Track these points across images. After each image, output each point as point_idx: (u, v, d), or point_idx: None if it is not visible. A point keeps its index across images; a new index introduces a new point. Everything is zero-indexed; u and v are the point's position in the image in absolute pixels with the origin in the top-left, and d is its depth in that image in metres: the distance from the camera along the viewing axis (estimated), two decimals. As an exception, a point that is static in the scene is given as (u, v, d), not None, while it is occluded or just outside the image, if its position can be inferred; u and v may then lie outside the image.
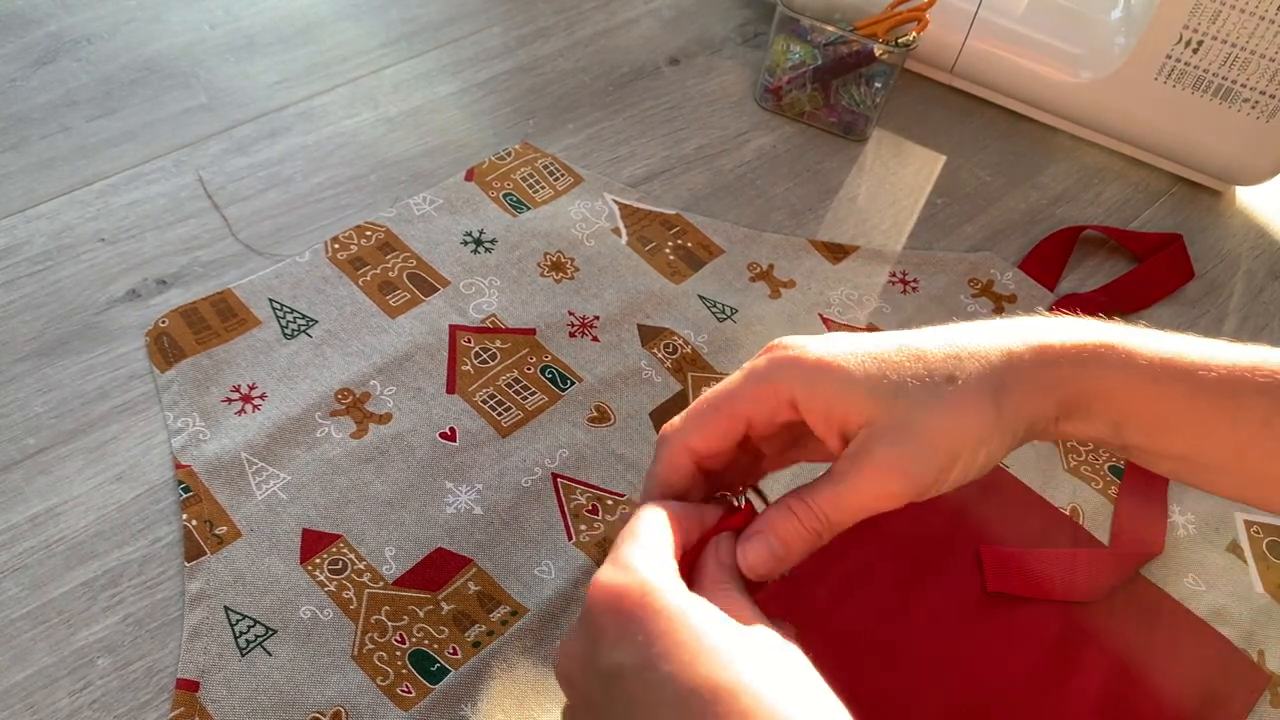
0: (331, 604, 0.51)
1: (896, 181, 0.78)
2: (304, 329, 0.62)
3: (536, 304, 0.65)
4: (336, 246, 0.66)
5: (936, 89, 0.86)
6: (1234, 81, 0.74)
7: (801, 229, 0.73)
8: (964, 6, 0.79)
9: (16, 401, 0.57)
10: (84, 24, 0.79)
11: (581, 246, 0.69)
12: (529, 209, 0.70)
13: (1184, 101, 0.76)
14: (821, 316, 0.67)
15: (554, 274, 0.67)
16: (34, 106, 0.72)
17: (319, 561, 0.52)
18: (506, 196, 0.71)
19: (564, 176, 0.73)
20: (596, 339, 0.64)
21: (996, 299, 0.70)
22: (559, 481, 0.57)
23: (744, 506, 0.37)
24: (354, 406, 0.59)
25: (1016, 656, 0.52)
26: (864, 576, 0.54)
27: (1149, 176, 0.82)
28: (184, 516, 0.53)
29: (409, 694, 0.49)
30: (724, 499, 0.38)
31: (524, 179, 0.72)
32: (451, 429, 0.59)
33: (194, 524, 0.53)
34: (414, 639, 0.50)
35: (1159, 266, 0.74)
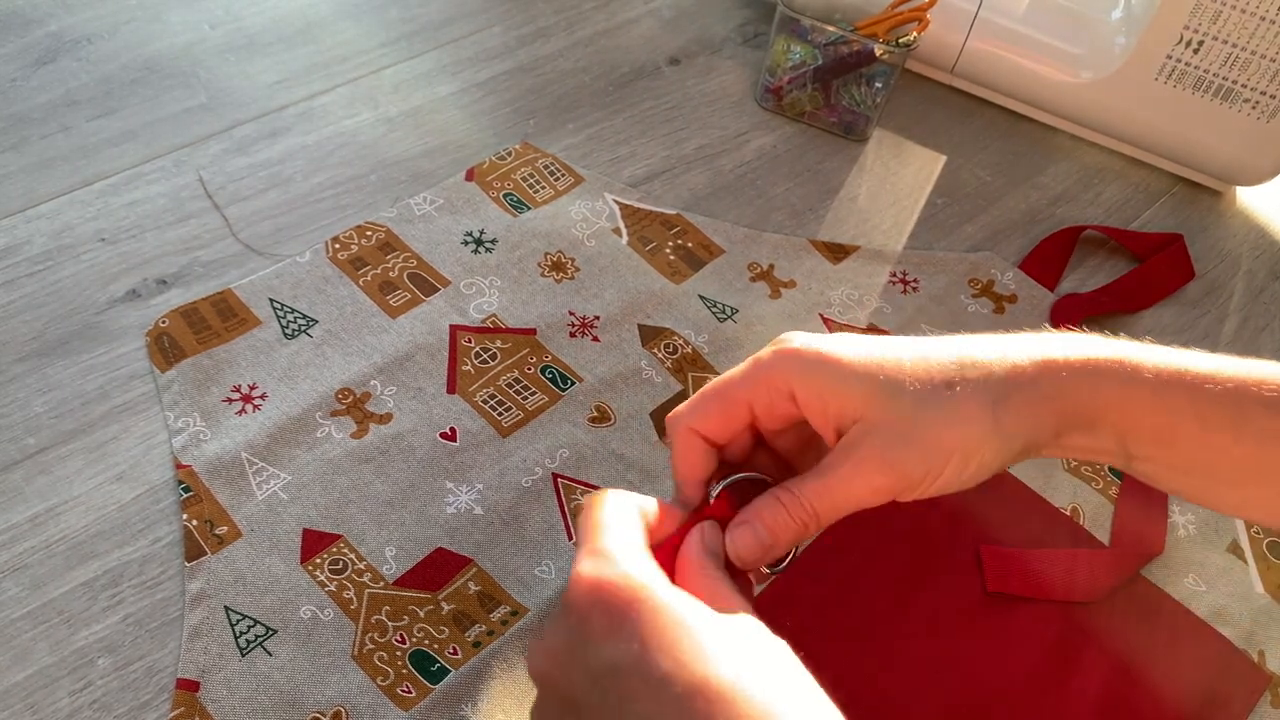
0: (332, 604, 0.51)
1: (897, 181, 0.78)
2: (304, 329, 0.62)
3: (537, 304, 0.65)
4: (337, 246, 0.66)
5: (937, 89, 0.86)
6: (1234, 82, 0.74)
7: (802, 229, 0.73)
8: (964, 6, 0.79)
9: (16, 401, 0.57)
10: (84, 24, 0.79)
11: (582, 246, 0.69)
12: (529, 209, 0.70)
13: (1184, 102, 0.76)
14: (822, 316, 0.67)
15: (554, 274, 0.67)
16: (34, 106, 0.72)
17: (319, 561, 0.52)
18: (507, 196, 0.71)
19: (564, 176, 0.73)
20: (597, 339, 0.64)
21: (997, 299, 0.70)
22: (559, 481, 0.57)
23: (718, 496, 0.38)
24: (354, 406, 0.59)
25: (1016, 656, 0.52)
26: (864, 576, 0.54)
27: (1149, 176, 0.82)
28: (184, 516, 0.53)
29: (409, 694, 0.49)
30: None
31: (524, 179, 0.72)
32: (452, 429, 0.58)
33: (194, 524, 0.53)
34: (414, 639, 0.50)
35: (1159, 266, 0.74)
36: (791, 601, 0.53)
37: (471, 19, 0.84)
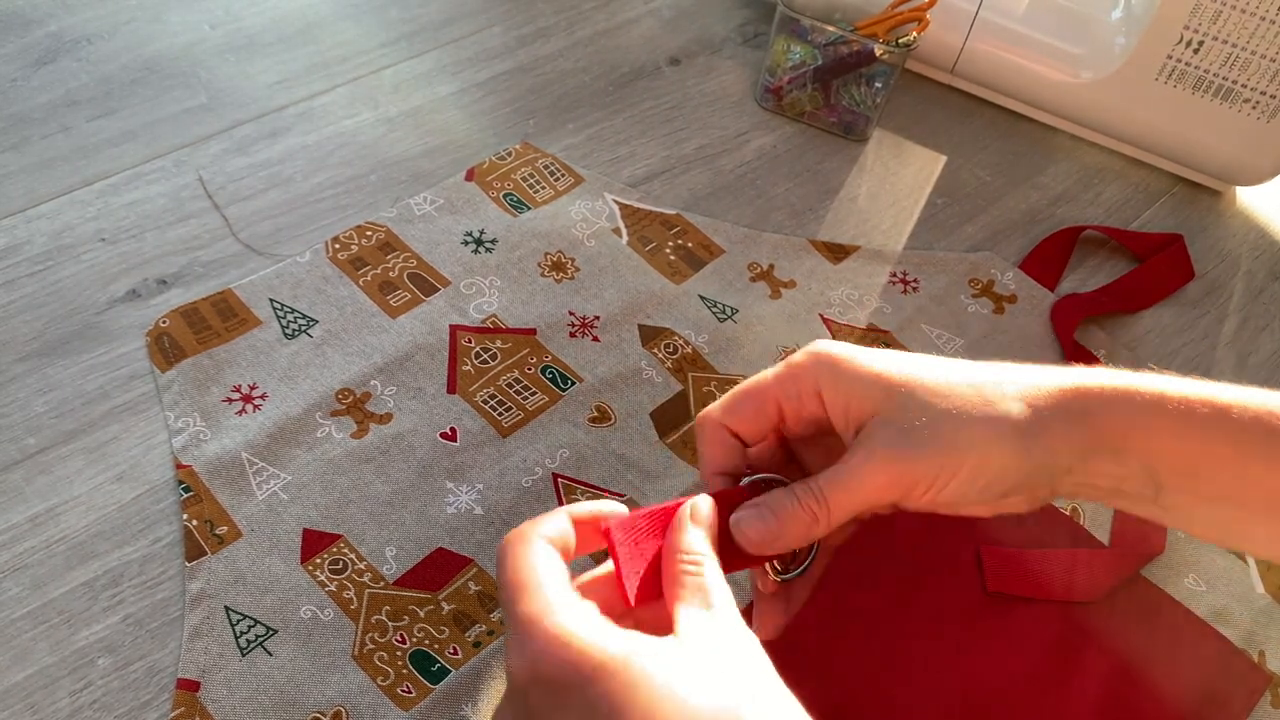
0: (332, 604, 0.51)
1: (897, 181, 0.78)
2: (304, 329, 0.62)
3: (537, 304, 0.65)
4: (337, 246, 0.66)
5: (937, 89, 0.86)
6: (1234, 82, 0.74)
7: (802, 229, 0.73)
8: (964, 6, 0.80)
9: (17, 401, 0.57)
10: (84, 24, 0.79)
11: (582, 246, 0.69)
12: (529, 209, 0.70)
13: (1184, 102, 0.76)
14: (822, 316, 0.67)
15: (554, 274, 0.67)
16: (34, 106, 0.72)
17: (319, 561, 0.53)
18: (507, 196, 0.71)
19: (564, 176, 0.73)
20: (597, 339, 0.64)
21: (997, 299, 0.70)
22: (559, 481, 0.57)
23: (742, 487, 0.39)
24: (354, 406, 0.59)
25: (1016, 656, 0.52)
26: (864, 576, 0.54)
27: (1149, 176, 0.82)
28: (184, 516, 0.53)
29: (409, 694, 0.49)
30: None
31: (524, 179, 0.72)
32: (452, 429, 0.59)
33: (194, 524, 0.53)
34: (414, 639, 0.50)
35: (1159, 267, 0.74)
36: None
37: (471, 19, 0.84)
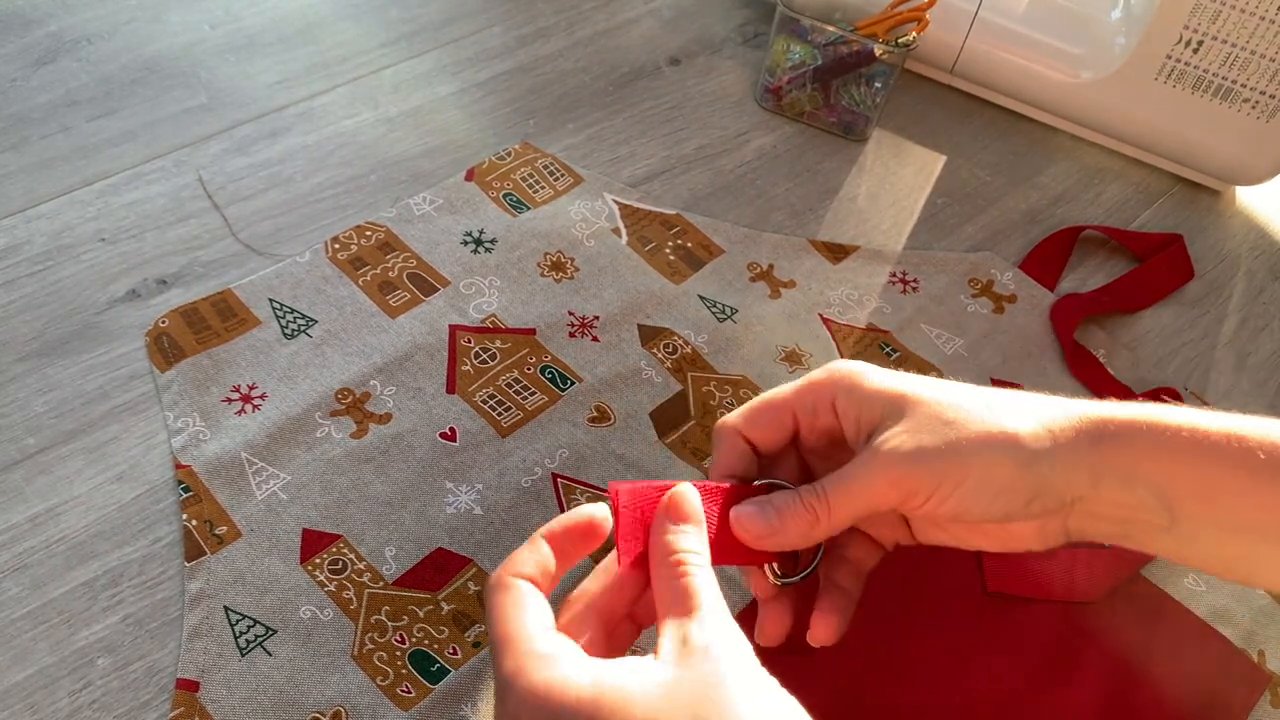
0: (331, 604, 0.51)
1: (896, 181, 0.78)
2: (304, 329, 0.62)
3: (536, 304, 0.65)
4: (337, 246, 0.66)
5: (937, 89, 0.86)
6: (1234, 81, 0.74)
7: (802, 229, 0.73)
8: (964, 6, 0.80)
9: (16, 401, 0.57)
10: (84, 24, 0.79)
11: (581, 246, 0.69)
12: (529, 209, 0.70)
13: (1184, 101, 0.76)
14: (822, 316, 0.67)
15: (554, 274, 0.67)
16: (34, 106, 0.72)
17: (319, 561, 0.52)
18: (506, 196, 0.71)
19: (564, 176, 0.73)
20: (596, 339, 0.64)
21: (997, 299, 0.70)
22: (559, 481, 0.57)
23: (751, 486, 0.39)
24: (354, 406, 0.59)
25: (1016, 657, 0.52)
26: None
27: (1149, 176, 0.82)
28: (184, 516, 0.53)
29: (409, 694, 0.49)
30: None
31: (524, 179, 0.72)
32: (451, 429, 0.59)
33: (194, 524, 0.53)
34: (414, 639, 0.50)
35: (1159, 266, 0.74)
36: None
37: (471, 19, 0.84)
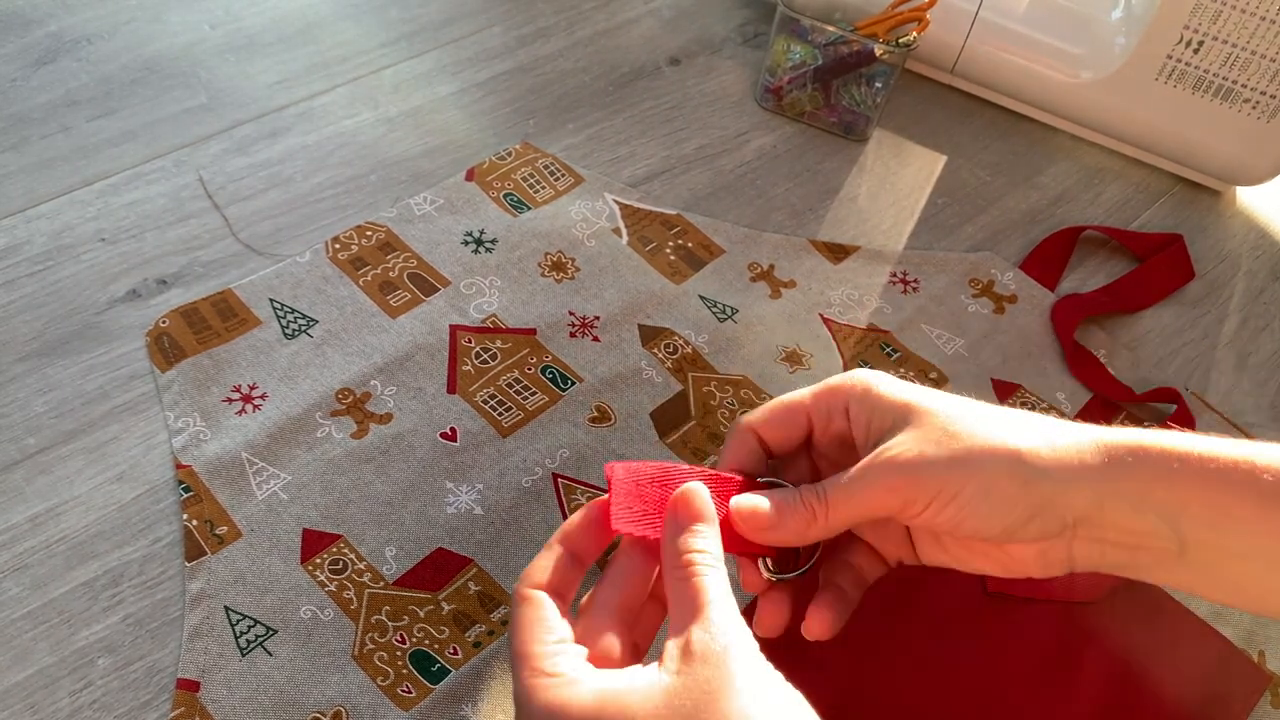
0: (332, 604, 0.51)
1: (897, 181, 0.78)
2: (304, 329, 0.62)
3: (537, 304, 0.65)
4: (337, 246, 0.66)
5: (937, 89, 0.86)
6: (1234, 81, 0.74)
7: (802, 229, 0.73)
8: (964, 6, 0.80)
9: (17, 401, 0.57)
10: (84, 24, 0.79)
11: (582, 246, 0.69)
12: (529, 209, 0.70)
13: (1184, 101, 0.76)
14: (822, 316, 0.67)
15: (554, 274, 0.67)
16: (34, 106, 0.72)
17: (319, 561, 0.52)
18: (507, 196, 0.71)
19: (564, 176, 0.73)
20: (597, 339, 0.64)
21: (997, 299, 0.70)
22: (559, 481, 0.57)
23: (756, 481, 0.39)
24: (354, 406, 0.59)
25: (1016, 656, 0.52)
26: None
27: (1149, 176, 0.82)
28: (184, 516, 0.53)
29: (409, 694, 0.49)
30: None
31: (524, 179, 0.72)
32: (452, 429, 0.59)
33: (194, 524, 0.53)
34: (414, 639, 0.50)
35: (1159, 266, 0.74)
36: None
37: (471, 19, 0.84)
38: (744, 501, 0.37)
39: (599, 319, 0.65)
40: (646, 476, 0.36)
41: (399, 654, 0.50)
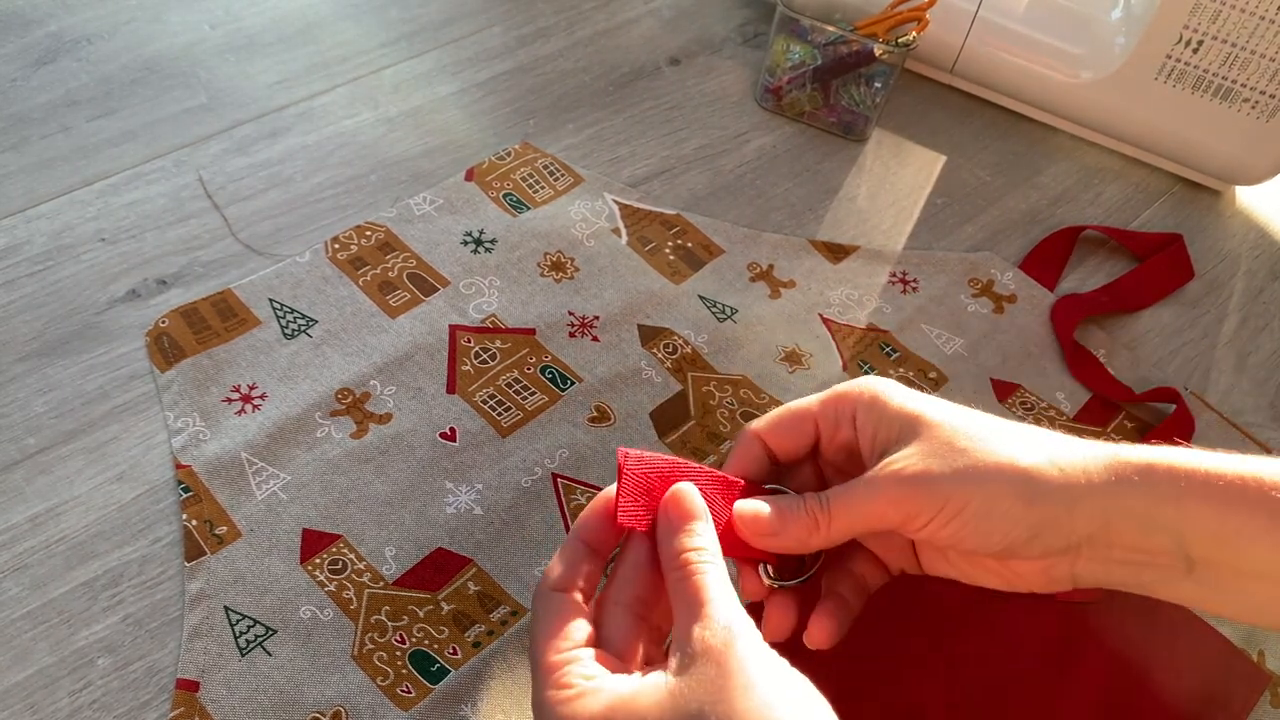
0: (331, 604, 0.51)
1: (896, 181, 0.78)
2: (304, 329, 0.62)
3: (536, 304, 0.65)
4: (337, 246, 0.66)
5: (936, 89, 0.86)
6: (1234, 81, 0.74)
7: (801, 229, 0.73)
8: (964, 6, 0.80)
9: (16, 401, 0.57)
10: (84, 24, 0.79)
11: (581, 246, 0.69)
12: (529, 209, 0.70)
13: (1184, 101, 0.76)
14: (822, 316, 0.67)
15: (554, 274, 0.67)
16: (34, 106, 0.72)
17: (319, 561, 0.53)
18: (506, 196, 0.71)
19: (564, 176, 0.73)
20: (596, 339, 0.64)
21: (997, 299, 0.70)
22: (559, 481, 0.57)
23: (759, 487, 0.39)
24: (354, 406, 0.59)
25: (1016, 656, 0.52)
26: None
27: (1149, 176, 0.82)
28: (184, 516, 0.53)
29: (409, 694, 0.49)
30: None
31: (524, 179, 0.72)
32: (451, 429, 0.59)
33: (194, 524, 0.53)
34: (414, 639, 0.50)
35: (1159, 266, 0.74)
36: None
37: (471, 19, 0.84)
38: (747, 506, 0.37)
39: (598, 319, 0.65)
40: (655, 471, 0.36)
41: (398, 654, 0.50)
